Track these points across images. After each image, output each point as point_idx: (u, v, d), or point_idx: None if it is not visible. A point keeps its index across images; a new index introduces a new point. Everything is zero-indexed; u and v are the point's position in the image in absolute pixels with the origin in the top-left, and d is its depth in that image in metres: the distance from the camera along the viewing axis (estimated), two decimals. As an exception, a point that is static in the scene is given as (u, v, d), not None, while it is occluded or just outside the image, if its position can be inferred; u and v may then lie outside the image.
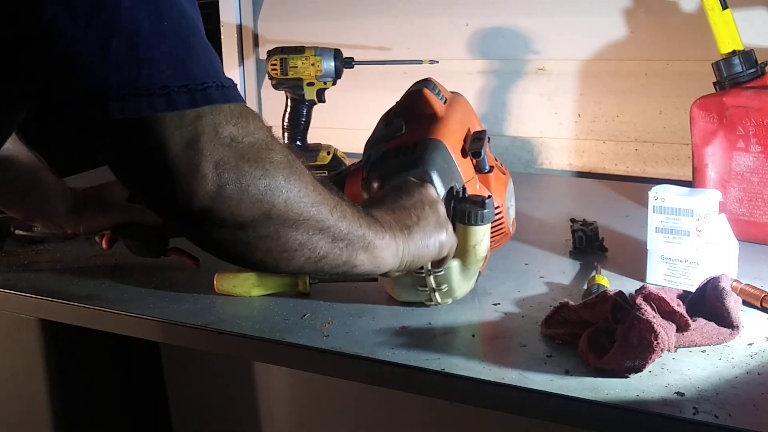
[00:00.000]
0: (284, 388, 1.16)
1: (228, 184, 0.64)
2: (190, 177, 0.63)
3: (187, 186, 0.63)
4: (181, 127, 0.62)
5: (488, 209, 0.88)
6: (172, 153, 0.62)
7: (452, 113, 1.00)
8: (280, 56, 1.46)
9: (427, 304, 0.93)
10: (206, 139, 0.63)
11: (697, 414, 0.69)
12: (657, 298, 0.79)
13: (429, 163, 0.89)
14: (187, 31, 0.64)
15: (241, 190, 0.65)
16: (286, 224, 0.69)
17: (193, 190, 0.63)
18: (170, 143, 0.62)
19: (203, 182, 0.63)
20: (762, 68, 1.15)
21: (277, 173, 0.67)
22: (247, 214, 0.66)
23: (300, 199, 0.69)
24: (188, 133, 0.62)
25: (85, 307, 0.99)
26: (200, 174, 0.63)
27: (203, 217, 0.65)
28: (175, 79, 0.61)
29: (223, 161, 0.64)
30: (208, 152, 0.63)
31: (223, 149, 0.64)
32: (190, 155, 0.63)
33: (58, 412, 1.14)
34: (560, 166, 1.64)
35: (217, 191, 0.64)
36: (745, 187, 1.13)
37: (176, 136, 0.62)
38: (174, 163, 0.62)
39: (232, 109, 0.65)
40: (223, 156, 0.64)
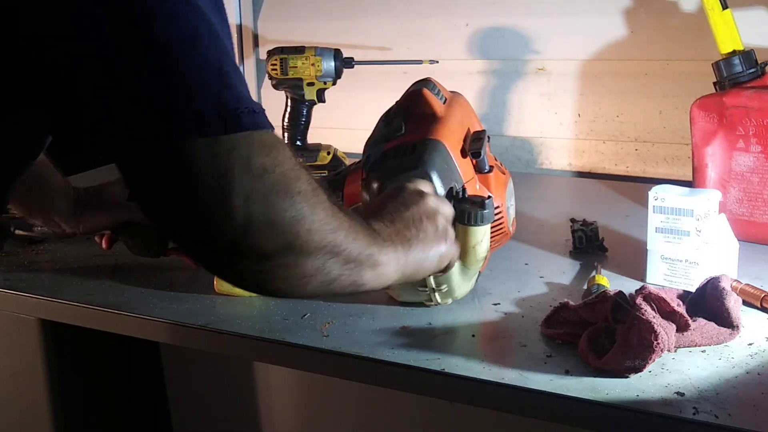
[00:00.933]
0: (284, 388, 1.16)
1: (256, 217, 0.63)
2: (220, 211, 0.62)
3: (217, 220, 0.62)
4: (214, 157, 0.61)
5: (488, 209, 0.88)
6: (205, 185, 0.61)
7: (452, 113, 1.00)
8: (280, 56, 1.46)
9: (427, 304, 0.93)
10: (238, 171, 0.62)
11: (697, 414, 0.69)
12: (657, 298, 0.79)
13: (429, 163, 0.89)
14: (220, 55, 0.63)
15: (268, 223, 0.64)
16: (306, 252, 0.68)
17: (223, 225, 0.63)
18: (203, 174, 0.61)
19: (234, 216, 0.62)
20: (762, 68, 1.15)
21: (303, 204, 0.66)
22: (271, 247, 0.65)
23: (321, 227, 0.68)
24: (221, 164, 0.61)
25: (85, 307, 0.99)
26: (231, 208, 0.62)
27: (229, 251, 0.65)
28: (207, 103, 0.61)
29: (254, 193, 0.63)
30: (239, 185, 0.62)
31: (255, 181, 0.63)
32: (222, 188, 0.62)
33: (58, 412, 1.14)
34: (560, 166, 1.64)
35: (246, 225, 0.63)
36: (745, 187, 1.13)
37: (209, 166, 0.61)
38: (205, 195, 0.62)
39: (263, 139, 0.64)
40: (254, 188, 0.63)
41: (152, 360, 1.26)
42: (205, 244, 0.65)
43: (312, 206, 0.67)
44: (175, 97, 0.60)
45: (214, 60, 0.62)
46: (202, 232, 0.64)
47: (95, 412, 1.21)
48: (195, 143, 0.61)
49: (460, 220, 0.88)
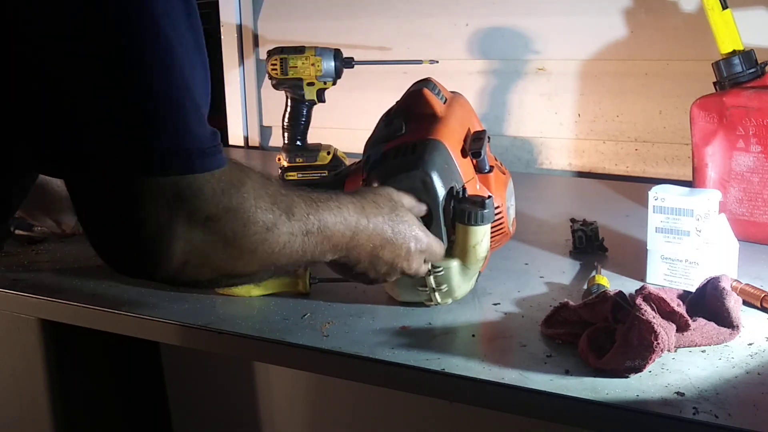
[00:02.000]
0: (284, 388, 1.16)
1: (192, 260, 0.65)
2: (158, 254, 0.63)
3: (154, 262, 0.64)
4: (160, 199, 0.62)
5: (488, 209, 0.88)
6: (149, 225, 0.62)
7: (452, 113, 1.00)
8: (280, 56, 1.46)
9: (427, 304, 0.93)
10: (181, 220, 0.63)
11: (697, 414, 0.69)
12: (657, 298, 0.79)
13: (429, 163, 0.89)
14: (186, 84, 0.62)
15: (205, 263, 0.66)
16: (241, 277, 0.72)
17: (159, 265, 0.64)
18: (148, 214, 0.62)
19: (170, 260, 0.64)
20: (762, 68, 1.15)
21: (244, 247, 0.68)
22: (206, 279, 0.68)
23: (261, 261, 0.70)
24: (163, 215, 0.62)
25: (85, 307, 0.99)
26: (169, 253, 0.63)
27: (162, 280, 0.67)
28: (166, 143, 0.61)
29: (193, 241, 0.64)
30: (180, 233, 0.63)
31: (198, 231, 0.64)
32: (163, 234, 0.63)
33: (58, 412, 1.14)
34: (560, 166, 1.64)
35: (182, 266, 0.65)
36: (745, 187, 1.13)
37: (155, 208, 0.62)
38: (148, 236, 0.63)
39: (215, 188, 0.64)
40: (194, 237, 0.64)
41: (152, 360, 1.26)
42: (141, 275, 0.67)
43: (256, 246, 0.69)
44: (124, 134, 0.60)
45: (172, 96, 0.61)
46: (139, 267, 0.66)
47: (95, 412, 1.21)
48: (147, 182, 0.61)
49: (460, 220, 0.88)
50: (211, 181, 0.64)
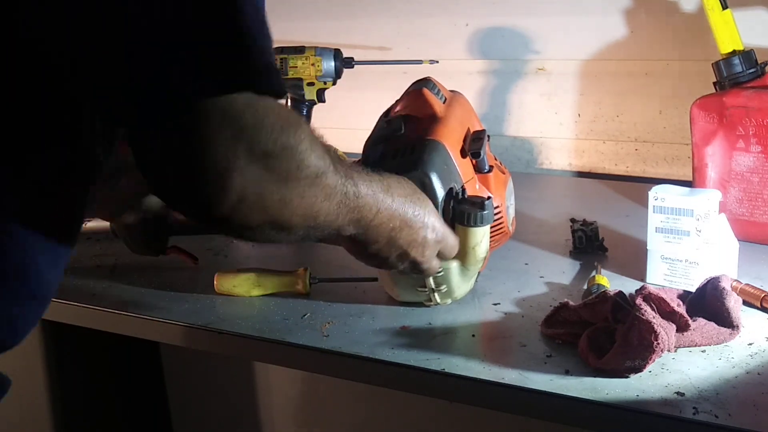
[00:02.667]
0: (284, 388, 1.17)
1: (249, 195, 0.65)
2: (216, 188, 0.63)
3: (211, 195, 0.64)
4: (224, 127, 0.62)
5: (487, 210, 0.88)
6: (209, 158, 0.62)
7: (452, 113, 1.00)
8: (280, 56, 1.46)
9: (427, 304, 0.93)
10: (242, 152, 0.63)
11: (697, 414, 0.69)
12: (657, 298, 0.79)
13: (428, 164, 0.89)
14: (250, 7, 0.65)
15: (259, 202, 0.66)
16: (287, 229, 0.71)
17: (218, 200, 0.64)
18: (212, 145, 0.62)
19: (229, 194, 0.63)
20: (762, 68, 1.15)
21: (294, 191, 0.68)
22: (256, 222, 0.67)
23: (304, 212, 0.70)
24: (225, 145, 0.62)
25: (85, 307, 0.99)
26: (228, 186, 0.63)
27: (217, 220, 0.66)
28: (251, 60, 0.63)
29: (252, 177, 0.64)
30: (239, 167, 0.63)
31: (255, 166, 0.64)
32: (224, 166, 0.63)
33: (57, 412, 1.14)
34: (560, 166, 1.64)
35: (238, 203, 0.64)
36: (745, 187, 1.13)
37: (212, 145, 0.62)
38: (206, 170, 0.63)
39: (274, 122, 0.65)
40: (253, 173, 0.64)
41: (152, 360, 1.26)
42: (197, 213, 0.67)
43: (303, 193, 0.69)
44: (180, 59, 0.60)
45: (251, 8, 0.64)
46: (198, 204, 0.65)
47: (95, 412, 1.21)
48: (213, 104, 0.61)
49: (459, 221, 0.88)
50: (271, 115, 0.65)
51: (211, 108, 0.62)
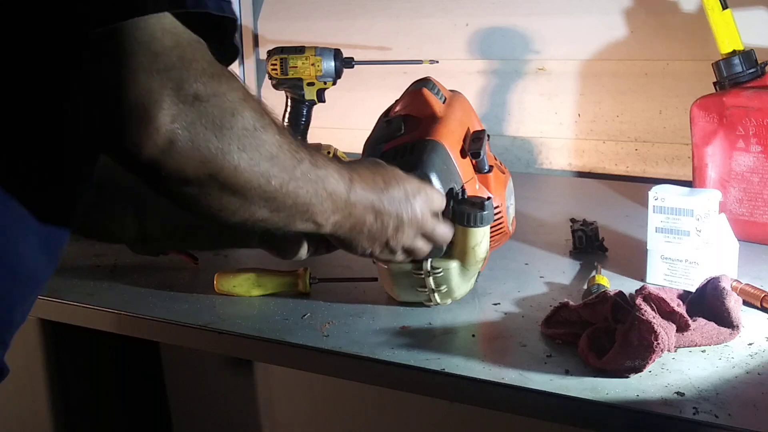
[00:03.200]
0: (284, 388, 1.17)
1: (179, 141, 0.63)
2: (143, 125, 0.62)
3: (138, 134, 0.62)
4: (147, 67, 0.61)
5: (487, 211, 0.88)
6: (130, 95, 0.61)
7: (451, 113, 1.00)
8: (280, 56, 1.46)
9: (427, 304, 0.93)
10: (168, 92, 0.62)
11: (697, 414, 0.69)
12: (657, 298, 0.79)
13: (427, 164, 0.89)
14: None
15: (191, 148, 0.64)
16: (230, 189, 0.68)
17: (143, 140, 0.62)
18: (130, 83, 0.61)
19: (154, 134, 0.62)
20: (762, 68, 1.15)
21: (232, 140, 0.66)
22: (193, 173, 0.65)
23: (250, 168, 0.68)
24: (149, 81, 0.61)
25: (85, 307, 0.99)
26: (153, 126, 0.62)
27: (150, 167, 0.64)
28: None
29: (180, 117, 0.63)
30: (167, 106, 0.62)
31: (184, 106, 0.63)
32: (149, 104, 0.61)
33: (58, 412, 1.14)
34: (560, 166, 1.64)
35: (167, 146, 0.63)
36: (745, 187, 1.13)
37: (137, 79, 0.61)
38: (130, 106, 0.61)
39: (204, 68, 0.64)
40: (181, 112, 0.63)
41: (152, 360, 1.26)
42: (128, 157, 0.64)
43: (243, 145, 0.67)
44: None
45: None
46: (125, 143, 0.63)
47: (95, 412, 1.21)
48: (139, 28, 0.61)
49: (459, 222, 0.88)
50: (205, 58, 0.64)
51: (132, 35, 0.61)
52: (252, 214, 0.71)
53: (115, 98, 0.62)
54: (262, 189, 0.69)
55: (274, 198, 0.71)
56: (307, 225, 0.76)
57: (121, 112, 0.62)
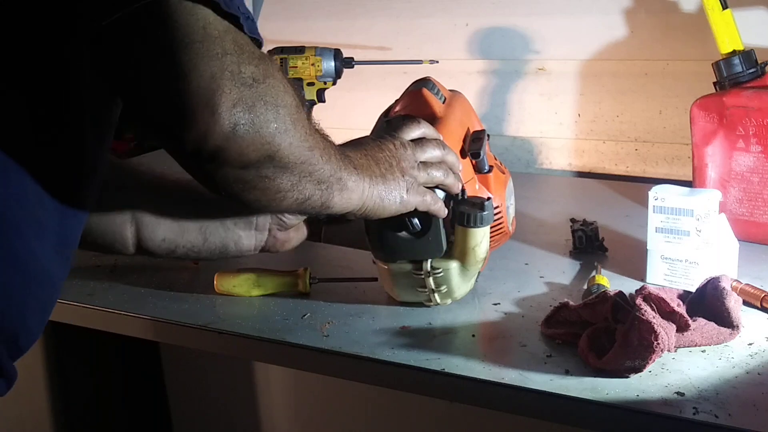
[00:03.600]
0: (284, 388, 1.17)
1: (242, 124, 0.64)
2: (208, 114, 0.62)
3: (203, 123, 0.62)
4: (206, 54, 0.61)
5: (487, 211, 0.88)
6: (194, 85, 0.61)
7: (451, 113, 1.00)
8: (280, 56, 1.46)
9: (427, 304, 0.93)
10: (228, 76, 0.62)
11: (697, 414, 0.69)
12: (657, 298, 0.79)
13: None
14: None
15: (253, 131, 0.65)
16: (286, 167, 0.70)
17: (209, 128, 0.63)
18: (193, 72, 0.61)
19: (220, 121, 0.63)
20: (762, 68, 1.15)
21: (287, 117, 0.67)
22: (254, 156, 0.66)
23: (301, 143, 0.70)
24: (210, 67, 0.62)
25: (85, 307, 0.99)
26: (218, 112, 0.62)
27: (212, 156, 0.65)
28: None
29: (242, 101, 0.63)
30: (228, 89, 0.62)
31: (243, 89, 0.63)
32: (212, 90, 0.62)
33: (58, 412, 1.14)
34: (560, 166, 1.64)
35: (232, 131, 0.63)
36: (745, 187, 1.13)
37: (199, 67, 0.61)
38: (193, 97, 0.62)
39: (253, 51, 0.65)
40: (242, 96, 0.63)
41: (152, 360, 1.26)
42: (190, 148, 0.65)
43: (294, 122, 0.68)
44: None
45: None
46: (189, 135, 0.63)
47: (95, 411, 1.21)
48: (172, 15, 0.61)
49: (459, 222, 0.88)
50: (250, 43, 0.65)
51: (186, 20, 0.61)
52: (301, 191, 0.73)
53: (176, 90, 0.62)
54: (310, 162, 0.72)
55: (318, 169, 0.73)
56: (341, 197, 0.77)
57: (184, 102, 0.62)
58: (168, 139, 0.66)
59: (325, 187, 0.75)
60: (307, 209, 0.76)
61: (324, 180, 0.74)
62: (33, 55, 0.66)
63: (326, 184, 0.75)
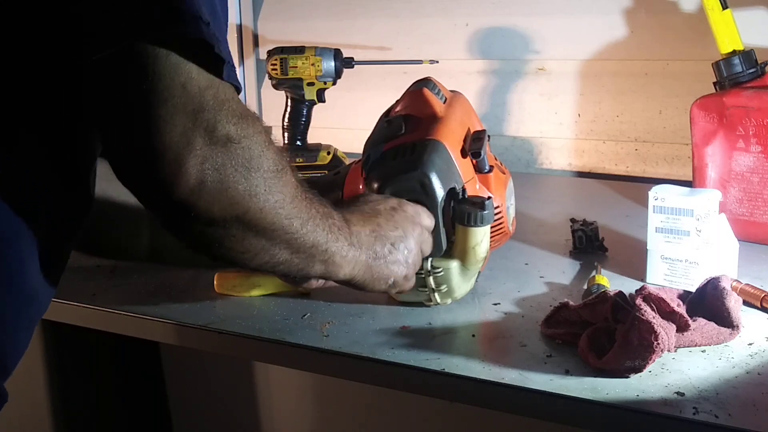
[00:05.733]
0: (284, 388, 1.17)
1: (209, 181, 0.63)
2: (175, 168, 0.62)
3: (170, 176, 0.62)
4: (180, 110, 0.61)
5: (488, 210, 0.88)
6: (164, 139, 0.61)
7: (452, 113, 1.00)
8: (280, 56, 1.46)
9: (427, 304, 0.93)
10: (201, 134, 0.62)
11: (697, 414, 0.69)
12: (657, 298, 0.79)
13: (428, 164, 0.89)
14: None
15: (221, 190, 0.64)
16: (255, 230, 0.69)
17: (175, 182, 0.62)
18: (165, 127, 0.61)
19: (186, 176, 0.62)
20: (762, 68, 1.15)
21: (260, 180, 0.67)
22: (220, 214, 0.66)
23: (275, 210, 0.69)
24: (183, 123, 0.61)
25: (85, 307, 0.99)
26: (185, 168, 0.62)
27: (178, 209, 0.65)
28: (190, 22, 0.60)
29: (211, 159, 0.63)
30: (199, 148, 0.62)
31: (215, 148, 0.63)
32: (182, 148, 0.61)
33: (58, 412, 1.14)
34: (560, 166, 1.64)
35: (198, 187, 0.63)
36: (745, 187, 1.13)
37: (172, 122, 0.61)
38: (164, 150, 0.61)
39: (234, 108, 0.64)
40: (212, 154, 0.63)
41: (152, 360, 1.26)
42: (157, 198, 0.65)
43: (269, 186, 0.68)
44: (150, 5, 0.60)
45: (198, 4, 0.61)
46: (155, 186, 0.63)
47: (95, 412, 1.21)
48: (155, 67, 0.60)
49: (460, 221, 0.88)
50: (232, 101, 0.64)
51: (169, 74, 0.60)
52: (273, 255, 0.72)
53: (148, 141, 0.61)
54: (284, 230, 0.71)
55: (295, 239, 0.72)
56: (324, 267, 0.77)
57: (154, 154, 0.62)
58: (135, 184, 0.66)
59: (304, 256, 0.74)
60: (281, 272, 0.76)
61: (303, 250, 0.74)
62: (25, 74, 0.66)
63: (305, 254, 0.74)
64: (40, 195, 0.70)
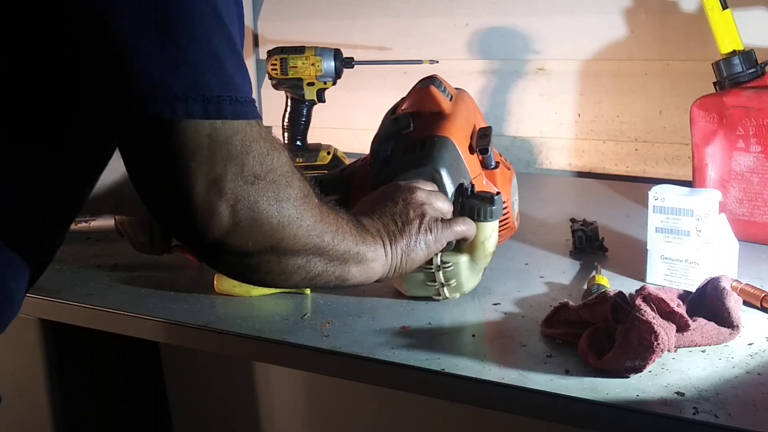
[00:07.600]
0: (284, 388, 1.17)
1: (243, 221, 0.65)
2: (207, 215, 0.64)
3: (204, 221, 0.64)
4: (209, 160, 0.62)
5: (497, 206, 0.89)
6: (195, 190, 0.63)
7: (458, 110, 1.00)
8: (280, 56, 1.46)
9: (436, 298, 0.93)
10: (230, 178, 0.63)
11: (697, 414, 0.69)
12: (657, 298, 0.79)
13: (438, 160, 0.90)
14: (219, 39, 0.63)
15: (255, 226, 0.66)
16: (290, 253, 0.71)
17: (209, 226, 0.64)
18: (195, 178, 0.62)
19: (220, 220, 0.64)
20: (762, 68, 1.15)
21: (291, 210, 0.68)
22: (254, 247, 0.68)
23: (307, 232, 0.71)
24: (214, 172, 0.63)
25: (85, 307, 0.99)
26: (218, 213, 0.64)
27: (213, 247, 0.67)
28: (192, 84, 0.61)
29: (243, 199, 0.65)
30: (230, 191, 0.64)
31: (245, 188, 0.64)
32: (212, 195, 0.63)
33: (58, 412, 1.14)
34: (560, 166, 1.64)
35: (232, 227, 0.65)
36: (745, 187, 1.13)
37: (201, 172, 0.62)
38: (195, 199, 0.63)
39: (261, 147, 0.65)
40: (244, 195, 0.64)
41: (152, 360, 1.26)
42: (191, 238, 0.67)
43: (300, 213, 0.70)
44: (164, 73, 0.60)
45: (211, 42, 0.62)
46: (191, 230, 0.65)
47: (95, 412, 1.21)
48: (179, 124, 0.61)
49: (469, 216, 0.89)
50: (259, 139, 0.65)
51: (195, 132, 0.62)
52: (309, 271, 0.74)
53: (178, 193, 0.63)
54: (318, 247, 0.73)
55: (328, 251, 0.74)
56: (360, 268, 0.79)
57: (186, 206, 0.63)
58: (171, 228, 0.69)
59: (338, 263, 0.77)
60: (319, 284, 0.77)
61: (337, 257, 0.76)
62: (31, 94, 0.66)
63: (340, 260, 0.77)
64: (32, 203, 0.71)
